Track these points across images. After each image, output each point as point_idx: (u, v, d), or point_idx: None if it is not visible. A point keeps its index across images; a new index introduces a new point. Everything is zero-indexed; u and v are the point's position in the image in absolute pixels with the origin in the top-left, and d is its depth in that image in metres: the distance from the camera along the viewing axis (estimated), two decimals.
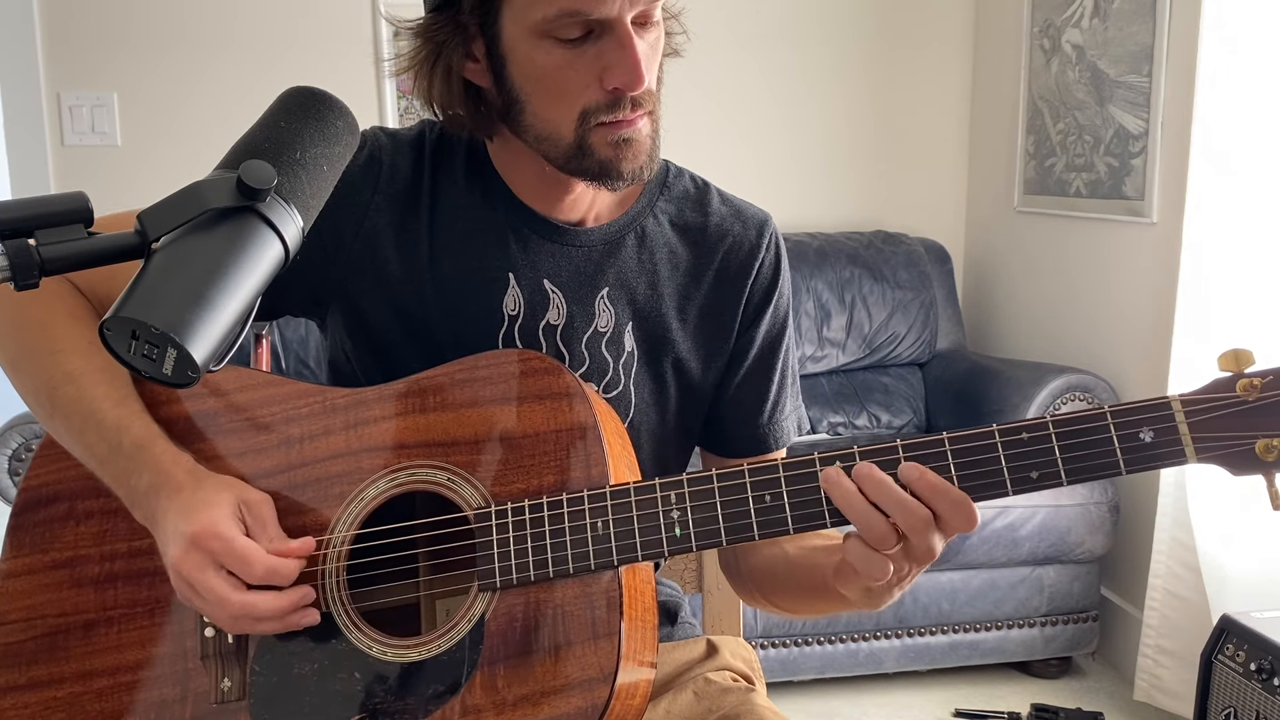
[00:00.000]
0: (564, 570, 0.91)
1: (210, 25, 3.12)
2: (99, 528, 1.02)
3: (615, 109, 0.97)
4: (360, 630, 0.95)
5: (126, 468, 0.97)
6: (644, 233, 1.12)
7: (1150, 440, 0.82)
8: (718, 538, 0.90)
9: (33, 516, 1.04)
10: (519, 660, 0.91)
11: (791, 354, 1.19)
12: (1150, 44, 2.56)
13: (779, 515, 0.89)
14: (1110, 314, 2.79)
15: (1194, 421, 0.81)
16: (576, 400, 0.96)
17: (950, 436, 0.86)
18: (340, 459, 1.00)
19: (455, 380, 1.00)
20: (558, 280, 1.08)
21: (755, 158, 3.36)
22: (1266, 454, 0.80)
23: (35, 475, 1.05)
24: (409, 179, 1.08)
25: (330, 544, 0.97)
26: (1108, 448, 0.83)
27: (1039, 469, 0.84)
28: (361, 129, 0.86)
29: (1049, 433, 0.84)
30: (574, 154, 1.00)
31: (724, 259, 1.13)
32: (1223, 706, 1.81)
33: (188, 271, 0.65)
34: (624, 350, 1.10)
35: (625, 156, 0.99)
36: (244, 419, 1.03)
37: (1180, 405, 0.82)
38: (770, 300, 1.15)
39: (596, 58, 0.96)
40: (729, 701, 1.11)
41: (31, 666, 1.00)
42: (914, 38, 3.42)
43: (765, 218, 1.17)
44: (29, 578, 1.03)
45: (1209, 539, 2.28)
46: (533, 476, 0.95)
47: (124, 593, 1.01)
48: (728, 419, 1.16)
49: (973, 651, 2.61)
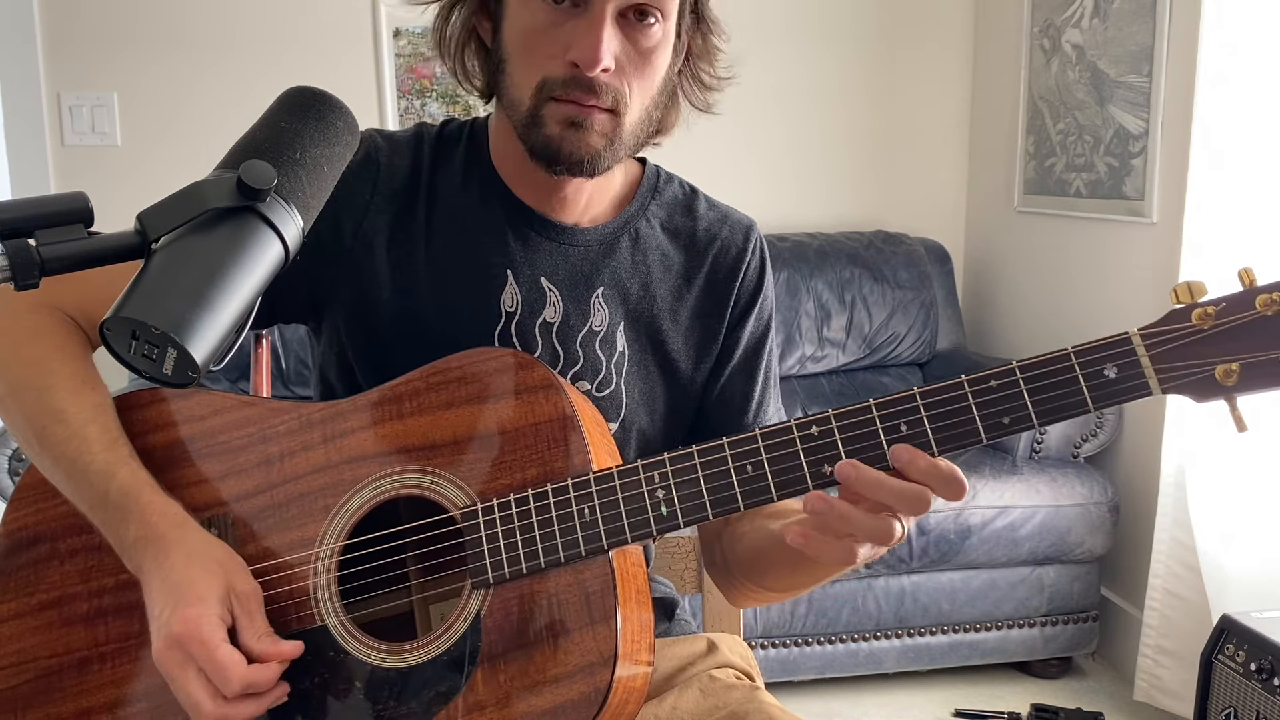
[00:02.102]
0: (555, 559, 0.92)
1: (210, 25, 3.12)
2: (84, 564, 1.01)
3: (571, 87, 0.97)
4: (358, 640, 0.95)
5: (114, 516, 0.96)
6: (638, 235, 1.13)
7: (1115, 376, 0.84)
8: (704, 512, 0.90)
9: (15, 560, 1.03)
10: (519, 653, 0.91)
11: (773, 356, 1.21)
12: (1150, 44, 2.56)
13: (762, 484, 0.89)
14: (1110, 314, 2.79)
15: (1154, 354, 0.83)
16: (553, 392, 0.96)
17: (921, 391, 0.87)
18: (321, 473, 0.99)
19: (430, 384, 0.99)
20: (555, 278, 1.09)
21: (755, 158, 3.36)
22: (1226, 379, 0.82)
23: (14, 519, 1.04)
24: (406, 178, 1.09)
25: (319, 557, 0.97)
26: (1074, 387, 0.84)
27: (1010, 414, 0.85)
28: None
29: (1016, 379, 0.86)
30: (528, 123, 1.00)
31: (713, 262, 1.15)
32: (1223, 706, 1.81)
33: (188, 271, 0.65)
34: (616, 350, 1.11)
35: (569, 140, 0.99)
36: (221, 442, 1.03)
37: (1140, 339, 0.83)
38: (755, 302, 1.17)
39: (570, 30, 0.97)
40: (735, 698, 1.11)
41: (28, 711, 0.99)
42: (914, 38, 3.42)
43: (750, 223, 1.19)
44: (17, 622, 1.02)
45: (1209, 539, 2.28)
46: (516, 471, 0.95)
47: (115, 627, 1.00)
48: (713, 418, 1.17)
49: (973, 651, 2.61)
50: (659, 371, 1.13)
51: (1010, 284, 3.30)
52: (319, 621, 0.96)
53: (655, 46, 1.01)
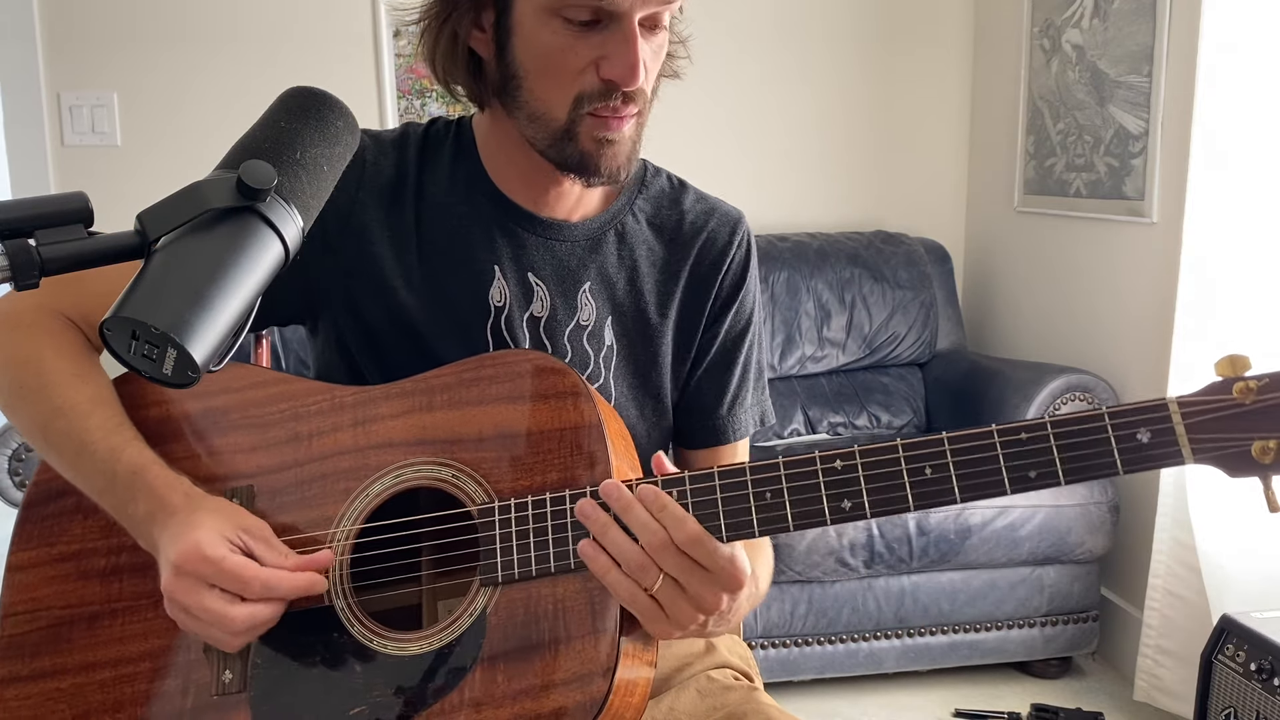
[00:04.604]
0: (565, 566, 0.92)
1: (211, 25, 3.12)
2: (106, 520, 1.02)
3: (607, 97, 0.99)
4: (363, 624, 0.96)
5: (124, 497, 0.97)
6: (624, 230, 1.14)
7: (1147, 441, 0.83)
8: (718, 535, 0.90)
9: (41, 510, 1.05)
10: (519, 654, 0.91)
11: (757, 350, 1.21)
12: (1150, 44, 2.56)
13: (779, 513, 0.89)
14: (1110, 314, 2.79)
15: (1190, 423, 0.82)
16: (581, 400, 0.97)
17: (949, 437, 0.87)
18: (347, 455, 1.01)
19: (462, 379, 1.01)
20: (542, 273, 1.11)
21: (755, 158, 3.36)
22: (1263, 456, 0.81)
23: (46, 469, 1.06)
24: (392, 177, 1.10)
25: (335, 538, 0.98)
26: (1105, 448, 0.84)
27: (1037, 469, 0.85)
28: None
29: (1047, 433, 0.85)
30: (561, 139, 1.01)
31: (698, 256, 1.16)
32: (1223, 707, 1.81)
33: (188, 271, 0.65)
34: (604, 344, 1.12)
35: (605, 155, 1.02)
36: (254, 415, 1.04)
37: (1177, 407, 0.82)
38: (736, 296, 1.17)
39: (599, 45, 0.98)
40: (733, 699, 1.11)
41: (35, 658, 1.00)
42: (914, 38, 3.42)
43: (739, 216, 1.19)
44: (35, 570, 1.03)
45: (1209, 539, 2.28)
46: (536, 474, 0.96)
47: (128, 585, 1.01)
48: (689, 410, 1.18)
49: (973, 651, 2.61)
50: (647, 365, 1.14)
51: (1010, 284, 3.30)
52: (327, 602, 0.96)
53: (664, 43, 1.03)
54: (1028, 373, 2.77)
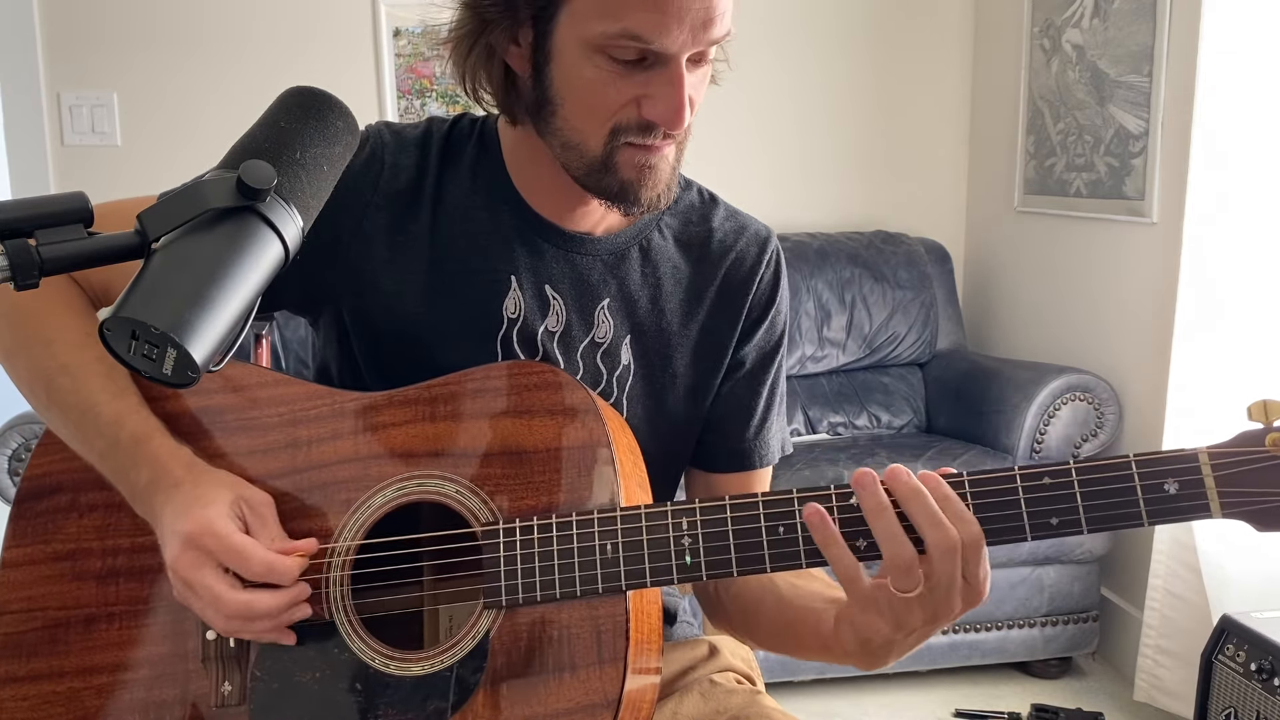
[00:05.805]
0: (571, 592, 0.90)
1: (211, 25, 3.12)
2: (102, 521, 1.01)
3: (647, 133, 0.96)
4: (363, 640, 0.94)
5: (125, 463, 0.96)
6: (649, 246, 1.11)
7: (1175, 492, 0.80)
8: (729, 568, 0.88)
9: (34, 506, 1.04)
10: (523, 680, 0.90)
11: (782, 375, 1.17)
12: (1150, 44, 2.56)
13: (793, 549, 0.87)
14: (1110, 314, 2.79)
15: (1220, 475, 0.79)
16: (590, 417, 0.95)
17: (971, 478, 0.84)
18: (348, 464, 0.99)
19: (468, 390, 0.98)
20: (559, 286, 1.07)
21: (755, 158, 3.36)
22: None
23: (38, 465, 1.05)
24: (412, 178, 1.07)
25: (335, 552, 0.96)
26: (1130, 497, 0.81)
27: (1059, 515, 0.82)
28: (366, 124, 0.85)
29: (1071, 479, 0.82)
30: (597, 169, 0.98)
31: (726, 274, 1.12)
32: (1223, 707, 1.81)
33: (188, 271, 0.65)
34: (619, 363, 1.09)
35: (646, 182, 0.98)
36: (253, 417, 1.02)
37: (1208, 458, 0.80)
38: (766, 316, 1.14)
39: (643, 84, 0.94)
40: (735, 702, 1.10)
41: (32, 659, 1.00)
42: (914, 38, 3.42)
43: (768, 234, 1.16)
44: (30, 568, 1.02)
45: (1209, 539, 2.28)
46: (542, 494, 0.94)
47: (126, 589, 1.00)
48: (713, 432, 1.14)
49: (973, 651, 2.61)
50: (666, 387, 1.11)
51: (1010, 284, 3.30)
52: (328, 618, 0.95)
53: (706, 75, 1.00)
54: (1028, 373, 2.77)
